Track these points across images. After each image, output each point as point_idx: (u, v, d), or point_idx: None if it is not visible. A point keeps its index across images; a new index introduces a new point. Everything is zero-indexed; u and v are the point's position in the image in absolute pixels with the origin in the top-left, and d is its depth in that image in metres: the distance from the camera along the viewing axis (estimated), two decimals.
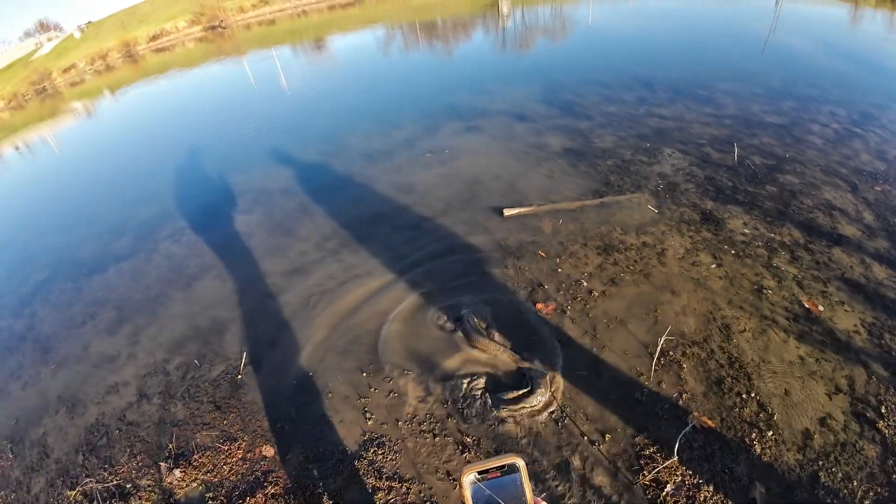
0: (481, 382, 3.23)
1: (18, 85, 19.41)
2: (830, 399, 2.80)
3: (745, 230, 4.32)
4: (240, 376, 3.66)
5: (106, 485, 3.20)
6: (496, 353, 3.43)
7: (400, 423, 3.10)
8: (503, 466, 0.68)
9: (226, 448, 3.17)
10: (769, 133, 6.00)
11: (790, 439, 2.64)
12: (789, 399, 2.83)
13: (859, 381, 2.87)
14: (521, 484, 0.68)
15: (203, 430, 3.33)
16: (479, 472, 0.68)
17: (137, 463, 3.27)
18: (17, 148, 13.31)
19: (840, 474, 2.45)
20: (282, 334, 4.00)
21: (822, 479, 2.44)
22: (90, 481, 3.24)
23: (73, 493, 3.23)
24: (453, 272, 4.30)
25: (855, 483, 2.41)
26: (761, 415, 2.76)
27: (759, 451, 2.61)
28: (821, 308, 3.40)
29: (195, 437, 3.30)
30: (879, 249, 3.91)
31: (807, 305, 3.44)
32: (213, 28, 22.98)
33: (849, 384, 2.87)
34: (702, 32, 12.28)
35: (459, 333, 3.65)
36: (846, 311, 3.36)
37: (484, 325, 3.66)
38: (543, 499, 0.71)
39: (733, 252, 4.07)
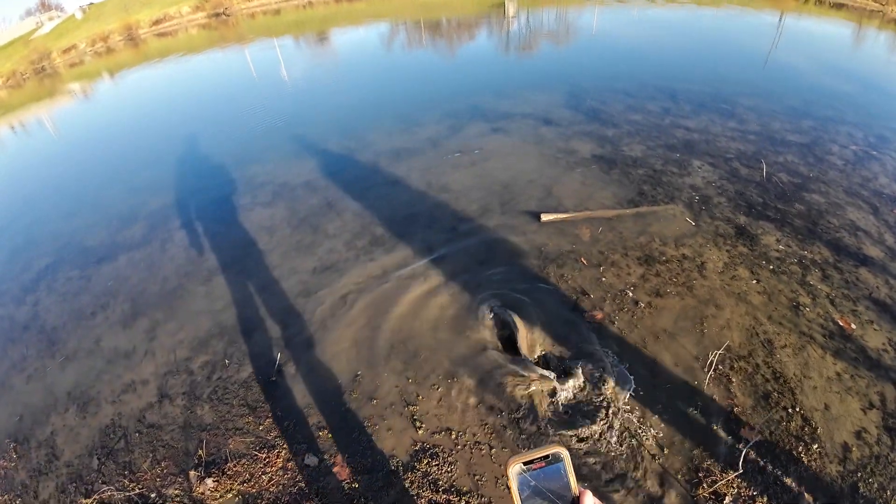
0: (535, 392, 3.11)
1: (18, 63, 18.78)
2: (865, 414, 2.94)
3: (779, 247, 4.39)
4: (273, 378, 3.46)
5: (127, 493, 2.97)
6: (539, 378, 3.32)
7: (453, 433, 2.96)
8: (547, 456, 0.70)
9: (263, 456, 2.98)
10: (793, 151, 6.07)
11: (832, 452, 2.74)
12: (829, 413, 2.94)
13: (890, 397, 3.03)
14: (566, 473, 0.70)
15: (236, 436, 3.13)
16: (525, 463, 0.69)
17: (162, 470, 3.05)
18: (13, 128, 12.81)
19: (876, 485, 2.58)
20: (318, 335, 3.80)
21: (861, 490, 2.56)
22: (109, 489, 3.01)
23: (89, 501, 2.99)
24: (496, 277, 4.18)
25: (888, 492, 2.54)
26: (806, 428, 2.87)
27: (806, 462, 2.69)
28: (853, 326, 3.52)
29: (227, 444, 3.10)
30: None
31: (840, 323, 3.55)
32: (217, 15, 22.55)
33: (881, 400, 3.01)
34: (706, 44, 12.47)
35: (511, 363, 3.53)
36: (875, 329, 3.52)
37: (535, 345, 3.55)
38: (587, 489, 0.72)
39: (770, 268, 4.13)
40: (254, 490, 2.82)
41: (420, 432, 2.96)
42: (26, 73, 18.45)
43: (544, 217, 4.76)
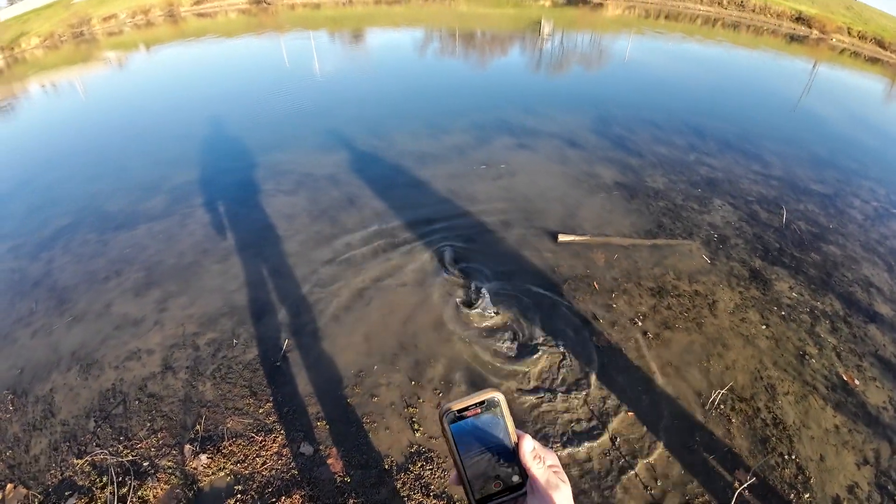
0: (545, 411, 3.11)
1: (57, 25, 19.02)
2: (859, 469, 2.98)
3: (792, 294, 4.42)
4: (278, 363, 3.49)
5: (120, 459, 2.99)
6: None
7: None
8: (482, 402, 0.67)
9: (260, 439, 3.00)
10: (814, 200, 6.08)
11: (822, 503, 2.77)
12: (824, 465, 2.98)
13: (884, 455, 3.07)
14: (503, 418, 0.67)
15: (235, 416, 3.15)
16: (458, 410, 0.66)
17: (158, 440, 3.07)
18: (43, 86, 13.02)
19: None
20: (327, 326, 3.83)
21: None
22: (102, 452, 3.03)
23: (81, 461, 3.01)
24: (508, 291, 4.19)
25: None
26: (800, 477, 2.92)
27: None
28: (857, 381, 3.57)
29: (226, 423, 3.12)
30: None
31: (845, 377, 3.59)
32: (258, 2, 22.81)
33: (875, 457, 3.05)
34: (737, 83, 12.50)
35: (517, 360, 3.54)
36: (877, 387, 3.57)
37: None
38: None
39: (780, 314, 4.16)
40: (246, 471, 2.84)
41: (417, 435, 2.98)
42: (64, 35, 18.71)
43: (561, 237, 4.77)
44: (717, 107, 9.80)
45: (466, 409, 0.66)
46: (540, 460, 0.65)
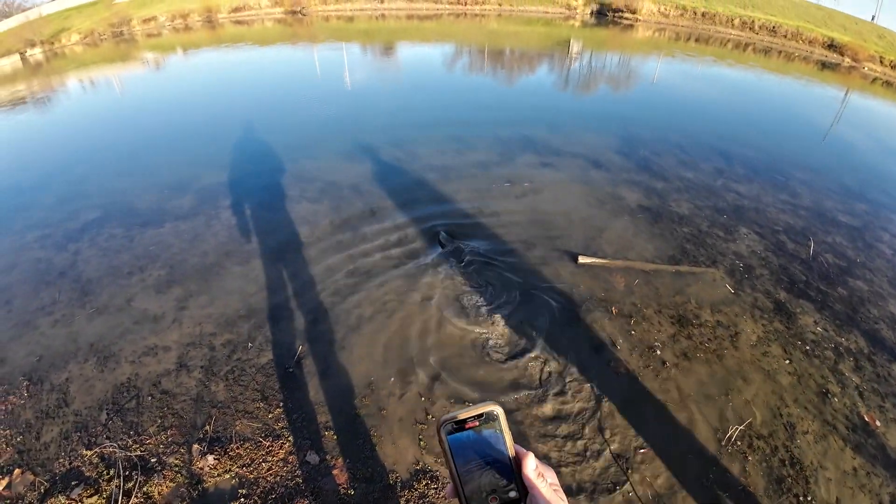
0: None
1: (97, 24, 19.86)
2: None
3: (816, 329, 4.28)
4: (291, 369, 3.50)
5: (128, 453, 3.01)
6: None
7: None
8: (481, 415, 0.66)
9: (267, 444, 2.99)
10: (842, 233, 5.91)
11: None
12: None
13: None
14: (501, 432, 0.66)
15: (244, 419, 3.16)
16: (457, 422, 0.65)
17: (167, 438, 3.09)
18: (81, 82, 13.55)
19: None
20: (341, 336, 3.83)
21: None
22: (111, 445, 3.06)
23: (90, 453, 3.04)
24: (525, 312, 4.14)
25: None
26: None
27: None
28: (878, 423, 3.44)
29: (235, 425, 3.13)
30: None
31: (866, 418, 3.47)
32: (294, 13, 23.48)
33: (891, 502, 2.97)
34: (767, 110, 12.31)
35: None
36: None
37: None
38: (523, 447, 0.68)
39: (804, 349, 4.02)
40: (251, 476, 2.83)
41: (424, 453, 2.93)
42: (104, 34, 19.48)
43: (581, 259, 4.71)
44: (746, 132, 9.64)
45: (465, 420, 0.65)
46: (542, 478, 0.65)
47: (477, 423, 0.65)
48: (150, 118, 9.54)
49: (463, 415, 0.65)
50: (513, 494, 0.64)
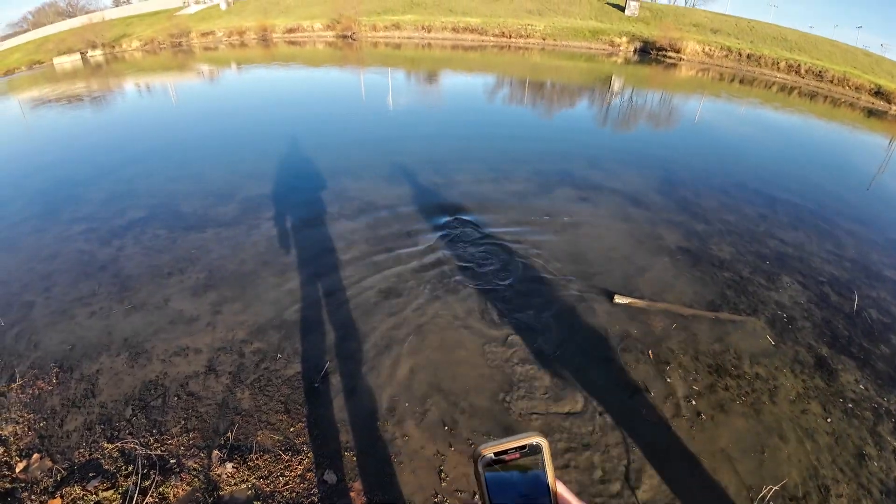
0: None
1: (158, 33, 21.23)
2: None
3: (857, 387, 4.04)
4: (317, 384, 3.49)
5: (149, 451, 3.04)
6: None
7: (477, 497, 2.81)
8: (523, 447, 0.59)
9: (286, 458, 2.97)
10: (888, 288, 5.60)
11: None
12: None
13: None
14: (544, 466, 0.59)
15: (266, 430, 3.16)
16: (496, 454, 0.58)
17: (188, 440, 3.11)
18: (138, 86, 14.36)
19: None
20: (370, 356, 3.82)
21: None
22: (133, 441, 3.09)
23: (111, 446, 3.07)
24: (558, 350, 4.04)
25: None
26: None
27: None
28: None
29: (256, 435, 3.13)
30: None
31: None
32: (344, 37, 24.54)
33: None
34: (812, 155, 12.00)
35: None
36: None
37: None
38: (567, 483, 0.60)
39: (843, 409, 3.80)
40: (268, 489, 2.81)
41: (444, 484, 2.85)
42: (164, 43, 20.74)
43: (618, 299, 4.59)
44: (790, 177, 9.36)
45: (504, 452, 0.59)
46: None
47: (518, 456, 0.59)
48: (201, 127, 10.00)
49: (503, 446, 0.59)
50: None
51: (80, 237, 5.46)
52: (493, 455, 0.59)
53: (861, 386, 4.03)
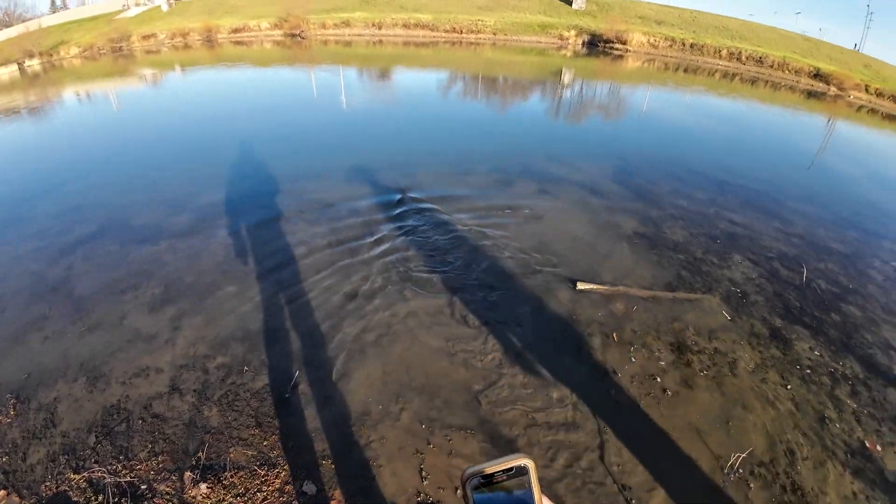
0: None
1: (97, 38, 20.02)
2: None
3: (812, 355, 4.31)
4: (287, 395, 3.42)
5: (118, 479, 2.91)
6: None
7: (459, 490, 2.83)
8: (510, 469, 0.62)
9: (262, 473, 2.90)
10: (834, 260, 6.01)
11: None
12: None
13: None
14: (531, 487, 0.62)
15: (238, 446, 3.07)
16: (484, 476, 0.61)
17: (158, 464, 2.99)
18: (78, 95, 13.54)
19: None
20: (340, 361, 3.76)
21: None
22: (100, 470, 2.95)
23: (78, 477, 2.92)
24: (526, 339, 4.11)
25: None
26: None
27: None
28: (879, 448, 3.47)
29: (229, 452, 3.04)
30: None
31: (867, 443, 3.50)
32: (293, 36, 23.87)
33: None
34: (757, 138, 12.69)
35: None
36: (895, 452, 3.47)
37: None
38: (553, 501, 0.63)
39: (800, 376, 4.05)
40: None
41: (425, 483, 2.86)
42: (104, 48, 19.60)
43: (580, 285, 4.72)
44: (736, 161, 9.87)
45: (493, 475, 0.61)
46: None
47: (505, 478, 0.62)
48: (148, 134, 9.53)
49: (490, 469, 0.61)
50: None
51: (29, 258, 5.12)
52: (480, 478, 0.61)
53: (816, 353, 4.31)
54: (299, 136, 9.37)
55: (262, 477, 2.89)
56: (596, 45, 26.50)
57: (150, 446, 3.09)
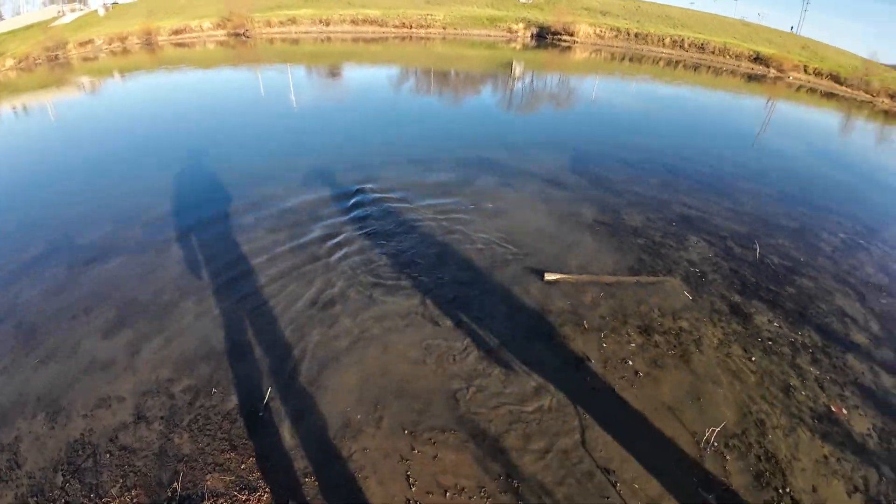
0: None
1: (33, 48, 18.57)
2: (849, 497, 3.05)
3: (771, 327, 4.54)
4: (261, 413, 3.31)
5: None
6: None
7: (448, 493, 2.84)
8: None
9: (243, 498, 2.80)
10: (785, 235, 6.35)
11: None
12: (817, 496, 3.03)
13: (872, 482, 3.16)
14: None
15: (215, 473, 2.95)
16: None
17: (132, 499, 2.84)
18: (14, 108, 12.59)
19: None
20: (312, 372, 3.67)
21: None
22: None
23: None
24: (500, 333, 4.14)
25: None
26: None
27: None
28: (845, 411, 3.67)
29: (205, 480, 2.91)
30: (885, 359, 4.31)
31: (833, 408, 3.69)
32: (237, 35, 22.94)
33: (864, 483, 3.13)
34: (702, 122, 13.31)
35: None
36: (860, 414, 3.69)
37: None
38: None
39: (762, 348, 4.25)
40: None
41: (413, 489, 2.84)
42: (39, 58, 18.30)
43: (548, 276, 4.81)
44: (685, 145, 10.30)
45: None
46: None
47: None
48: (90, 146, 8.94)
49: None
50: None
51: None
52: None
53: (775, 325, 4.54)
54: (250, 139, 9.03)
55: (244, 502, 2.79)
56: (544, 37, 26.87)
57: (120, 481, 2.94)
